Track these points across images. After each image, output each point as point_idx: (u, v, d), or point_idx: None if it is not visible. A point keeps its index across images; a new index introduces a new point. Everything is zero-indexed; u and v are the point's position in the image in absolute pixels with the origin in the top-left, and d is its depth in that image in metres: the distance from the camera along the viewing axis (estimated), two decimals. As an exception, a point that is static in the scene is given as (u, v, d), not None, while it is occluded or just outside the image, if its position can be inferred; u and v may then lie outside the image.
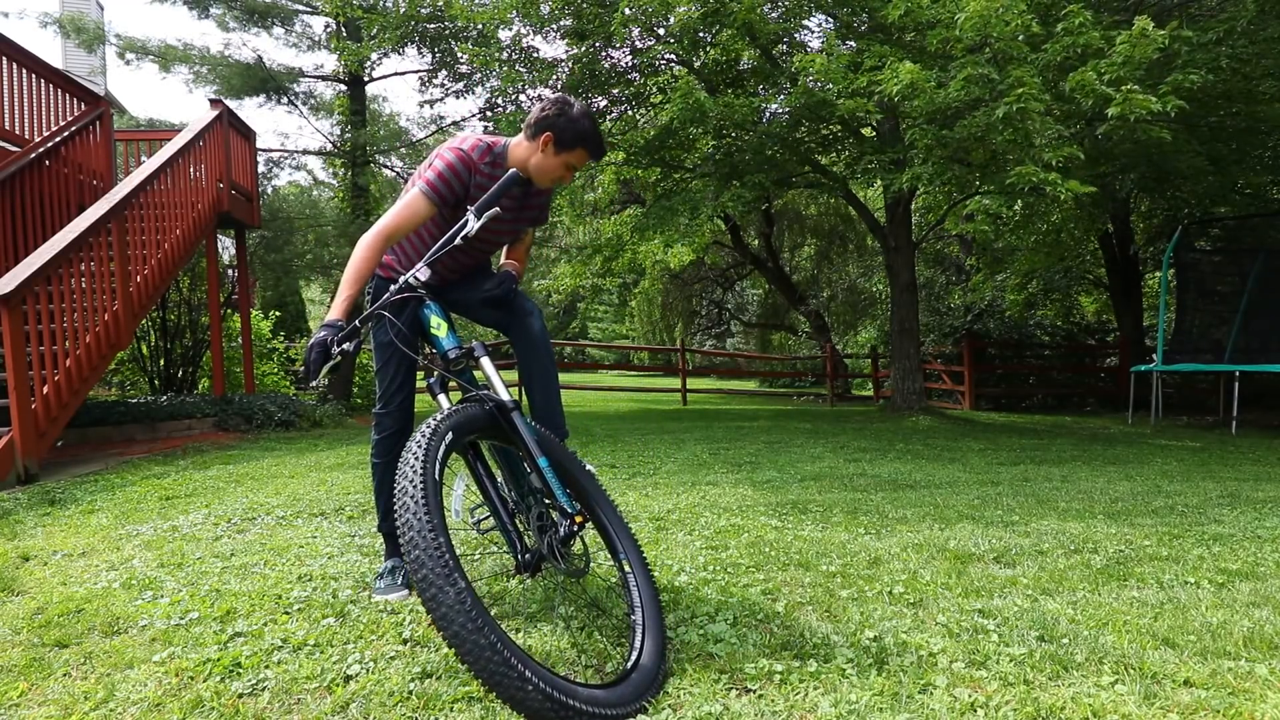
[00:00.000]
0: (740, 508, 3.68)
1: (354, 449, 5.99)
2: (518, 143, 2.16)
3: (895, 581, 2.43)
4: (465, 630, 1.42)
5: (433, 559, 1.47)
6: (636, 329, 26.87)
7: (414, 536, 1.50)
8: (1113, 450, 6.33)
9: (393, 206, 2.17)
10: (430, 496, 1.56)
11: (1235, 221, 10.11)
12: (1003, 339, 12.97)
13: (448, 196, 2.11)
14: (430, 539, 1.49)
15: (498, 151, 2.17)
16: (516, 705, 1.44)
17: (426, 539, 1.49)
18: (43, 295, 4.95)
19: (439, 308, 2.09)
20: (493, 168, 2.15)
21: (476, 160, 2.12)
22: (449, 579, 1.46)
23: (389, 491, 2.44)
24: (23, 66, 6.39)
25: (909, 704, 1.60)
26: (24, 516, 3.59)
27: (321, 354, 1.85)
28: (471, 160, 2.11)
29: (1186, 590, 2.36)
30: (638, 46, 9.55)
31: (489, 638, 1.43)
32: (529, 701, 1.43)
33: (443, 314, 2.09)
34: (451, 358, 2.03)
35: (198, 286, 9.11)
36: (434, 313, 2.07)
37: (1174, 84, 6.14)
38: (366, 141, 11.42)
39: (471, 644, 1.42)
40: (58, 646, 1.98)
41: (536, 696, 1.43)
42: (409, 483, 1.58)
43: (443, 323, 2.08)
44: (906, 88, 6.54)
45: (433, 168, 2.10)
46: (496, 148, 2.17)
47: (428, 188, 2.08)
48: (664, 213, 9.07)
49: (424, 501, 1.54)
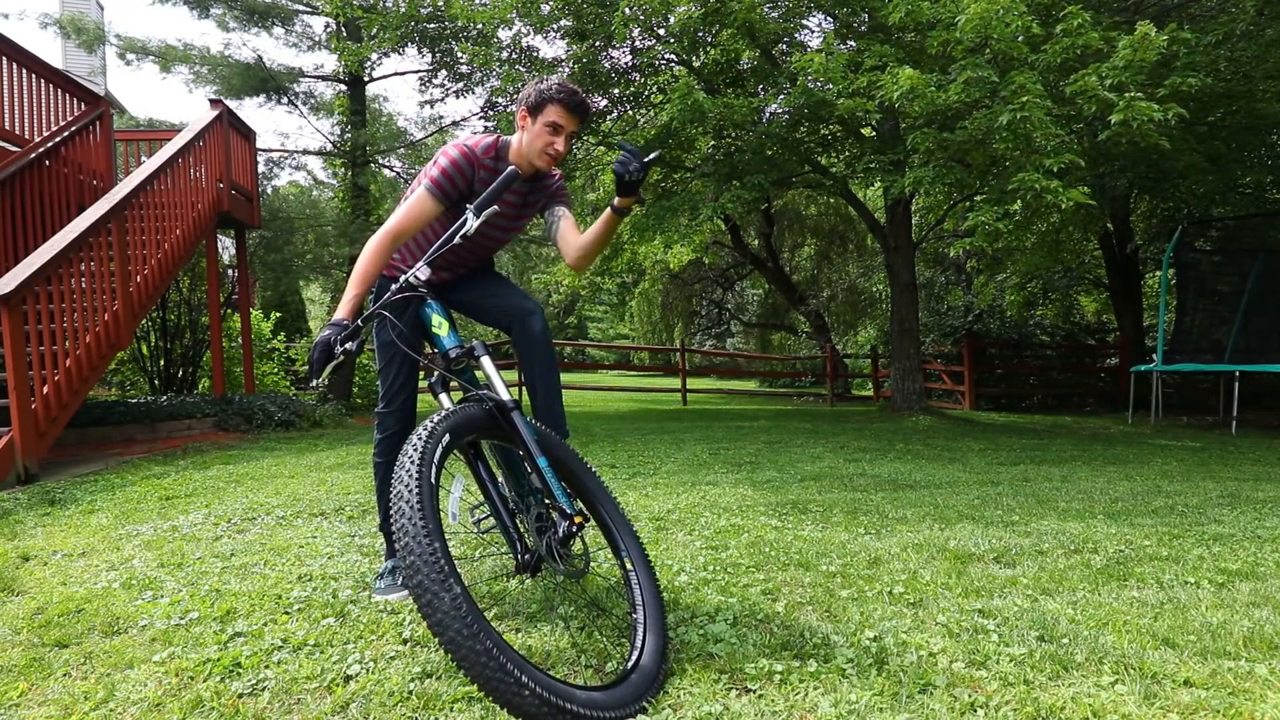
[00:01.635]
0: (740, 508, 3.68)
1: (354, 449, 5.99)
2: (514, 138, 2.20)
3: (895, 581, 2.43)
4: (460, 636, 1.42)
5: (428, 564, 1.47)
6: (636, 329, 26.86)
7: (409, 542, 1.50)
8: (1113, 450, 6.33)
9: (399, 207, 2.19)
10: (426, 501, 1.56)
11: (1235, 221, 10.11)
12: (1003, 339, 12.97)
13: (451, 193, 2.13)
14: (425, 544, 1.49)
15: (500, 149, 2.19)
16: (513, 710, 1.44)
17: (421, 544, 1.49)
18: (43, 295, 4.95)
19: (440, 307, 2.10)
20: (496, 162, 2.17)
21: (480, 156, 2.15)
22: (444, 584, 1.45)
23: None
24: (23, 66, 6.39)
25: (909, 704, 1.60)
26: (24, 516, 3.59)
27: (325, 353, 1.86)
28: (475, 156, 2.13)
29: (1186, 590, 2.36)
30: (638, 46, 9.55)
31: (484, 643, 1.42)
32: (526, 706, 1.43)
33: (444, 313, 2.10)
34: (452, 356, 2.03)
35: (198, 286, 9.11)
36: (435, 312, 2.08)
37: (1172, 87, 6.13)
38: (366, 141, 11.42)
39: (467, 649, 1.42)
40: (58, 646, 1.98)
41: (533, 701, 1.43)
42: (404, 487, 1.57)
43: (444, 322, 2.08)
44: (907, 93, 6.54)
45: (437, 164, 2.13)
46: (500, 145, 2.20)
47: (432, 184, 2.10)
48: (664, 213, 9.08)
49: (419, 506, 1.54)
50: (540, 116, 2.12)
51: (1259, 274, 9.06)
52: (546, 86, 2.13)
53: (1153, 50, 6.00)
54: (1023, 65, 6.59)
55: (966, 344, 12.13)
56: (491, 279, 2.41)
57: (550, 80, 2.15)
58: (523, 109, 2.15)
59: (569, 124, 2.15)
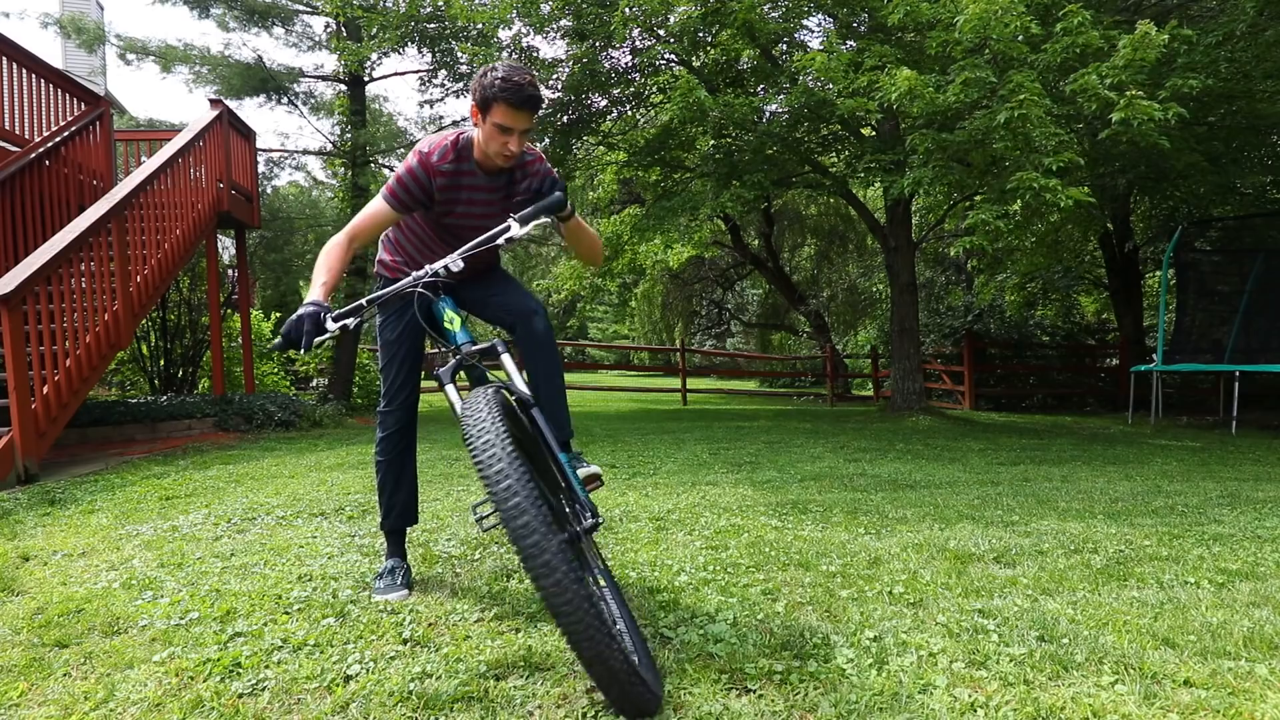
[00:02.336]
0: (740, 508, 3.68)
1: (354, 449, 5.99)
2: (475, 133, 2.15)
3: (895, 581, 2.43)
4: (568, 579, 1.40)
5: (534, 505, 1.44)
6: (636, 329, 26.88)
7: (511, 484, 1.45)
8: (1113, 450, 6.33)
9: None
10: (515, 448, 1.53)
11: (1235, 222, 10.11)
12: (1003, 339, 12.97)
13: (408, 201, 2.16)
14: (528, 486, 1.46)
15: (462, 147, 2.15)
16: (597, 661, 1.44)
17: (525, 487, 1.45)
18: (43, 295, 4.94)
19: (452, 302, 2.10)
20: (458, 163, 2.15)
21: (435, 163, 2.13)
22: (551, 529, 1.43)
23: (392, 490, 2.44)
24: (23, 66, 6.39)
25: (909, 704, 1.60)
26: (24, 516, 3.59)
27: (315, 326, 1.82)
28: (429, 164, 2.13)
29: (1186, 590, 2.36)
30: (638, 46, 9.55)
31: (588, 589, 1.43)
32: (611, 660, 1.43)
33: (456, 309, 2.10)
34: (463, 352, 2.01)
35: (198, 286, 9.11)
36: (448, 307, 2.08)
37: (1173, 88, 6.14)
38: (366, 141, 11.42)
39: (573, 594, 1.40)
40: (58, 646, 1.98)
41: (618, 657, 1.44)
42: (494, 435, 1.53)
43: (456, 317, 2.08)
44: (905, 94, 6.55)
45: (395, 174, 2.15)
46: (461, 141, 2.16)
47: (389, 194, 2.15)
48: (664, 213, 9.08)
49: (513, 450, 1.51)
50: (489, 116, 2.02)
51: (1259, 274, 9.06)
52: (490, 82, 1.97)
53: (1153, 49, 6.00)
54: (1022, 65, 6.60)
55: (966, 344, 12.13)
56: (497, 278, 2.40)
57: (495, 72, 1.98)
58: (473, 104, 2.06)
59: (518, 123, 2.01)
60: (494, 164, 2.14)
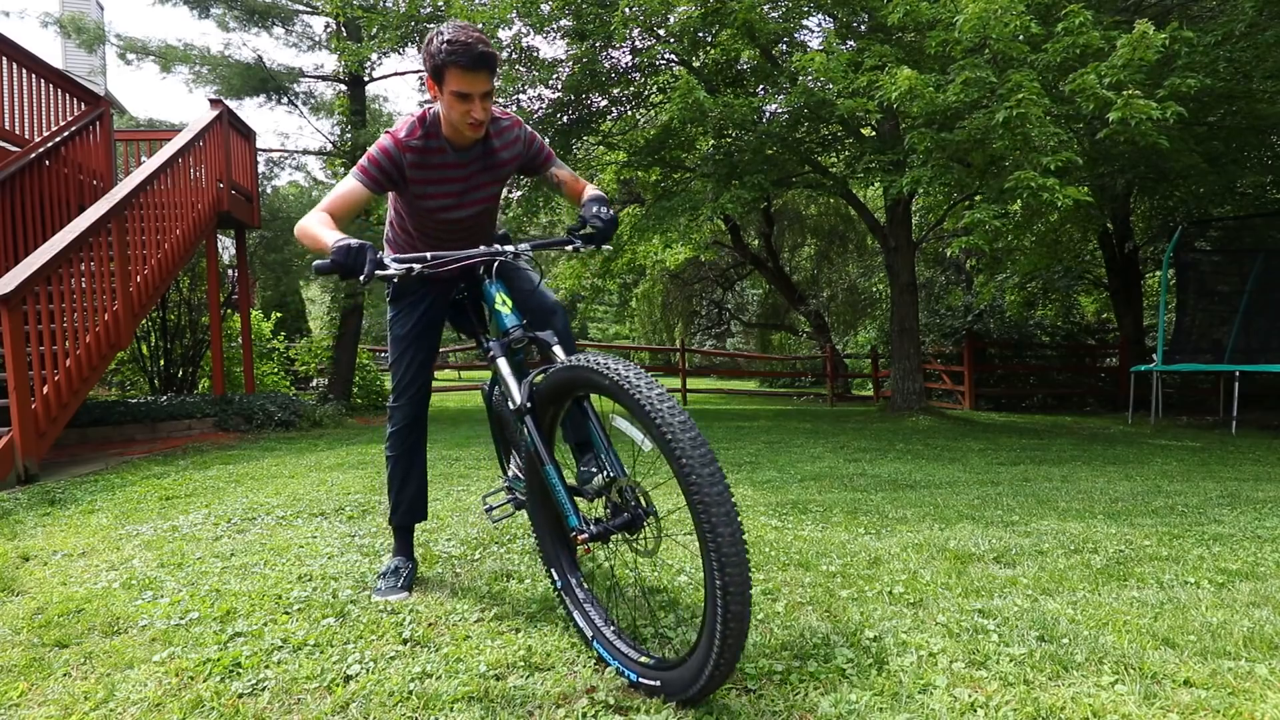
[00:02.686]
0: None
1: (354, 449, 5.99)
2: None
3: (895, 581, 2.43)
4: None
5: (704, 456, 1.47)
6: (636, 329, 26.86)
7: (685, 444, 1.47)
8: (1113, 450, 6.33)
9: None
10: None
11: (1235, 222, 10.12)
12: (1003, 339, 12.97)
13: (379, 177, 2.11)
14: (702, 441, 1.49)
15: (430, 123, 2.12)
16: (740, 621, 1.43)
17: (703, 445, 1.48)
18: (43, 295, 4.94)
19: (503, 285, 2.08)
20: (426, 139, 2.11)
21: (405, 139, 2.10)
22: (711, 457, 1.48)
23: (400, 485, 2.44)
24: (23, 66, 6.39)
25: (909, 704, 1.60)
26: (24, 516, 3.59)
27: (375, 261, 1.75)
28: (400, 141, 2.10)
29: (1186, 590, 2.36)
30: (638, 46, 9.55)
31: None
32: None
33: (506, 291, 2.07)
34: (514, 335, 1.99)
35: (198, 286, 9.12)
36: (499, 290, 2.06)
37: (1172, 88, 6.14)
38: (366, 141, 11.39)
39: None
40: (58, 646, 1.98)
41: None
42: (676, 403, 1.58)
43: (508, 299, 2.05)
44: (905, 93, 6.55)
45: (367, 153, 2.13)
46: (429, 116, 2.12)
47: (360, 172, 2.11)
48: (664, 213, 9.07)
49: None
50: (445, 85, 1.94)
51: (1259, 274, 9.06)
52: (437, 48, 1.89)
53: (1152, 49, 6.00)
54: (1022, 65, 6.60)
55: (966, 344, 12.13)
56: (518, 274, 2.39)
57: (441, 36, 1.89)
58: (427, 78, 1.99)
59: (475, 86, 1.92)
60: (464, 137, 2.09)
